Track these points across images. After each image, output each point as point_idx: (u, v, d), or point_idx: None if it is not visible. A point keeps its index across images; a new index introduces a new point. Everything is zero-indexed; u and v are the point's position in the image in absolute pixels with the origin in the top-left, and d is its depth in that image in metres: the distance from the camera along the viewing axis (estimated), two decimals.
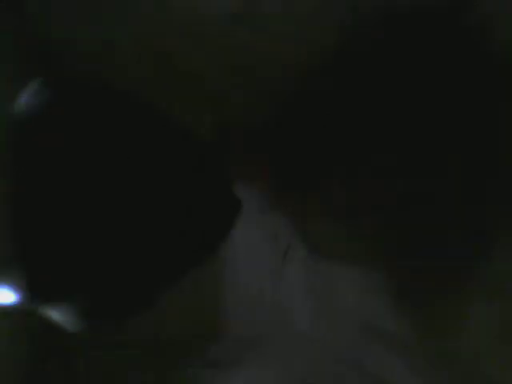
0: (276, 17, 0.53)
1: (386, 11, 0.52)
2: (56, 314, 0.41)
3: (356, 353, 0.56)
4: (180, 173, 0.43)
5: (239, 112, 0.60)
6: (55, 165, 0.37)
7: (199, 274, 0.53)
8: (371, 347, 0.55)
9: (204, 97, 0.59)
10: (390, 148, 0.55)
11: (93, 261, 0.38)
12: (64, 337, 0.64)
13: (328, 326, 0.57)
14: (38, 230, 0.36)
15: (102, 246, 0.38)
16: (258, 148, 0.60)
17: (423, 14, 0.51)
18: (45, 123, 0.38)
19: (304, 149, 0.59)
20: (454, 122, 0.53)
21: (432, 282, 0.53)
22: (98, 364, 0.62)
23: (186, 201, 0.42)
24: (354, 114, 0.57)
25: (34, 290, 0.37)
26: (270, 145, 0.61)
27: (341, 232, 0.57)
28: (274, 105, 0.58)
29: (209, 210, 0.44)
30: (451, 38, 0.51)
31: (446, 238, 0.53)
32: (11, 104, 0.40)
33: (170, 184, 0.41)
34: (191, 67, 0.57)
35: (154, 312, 0.46)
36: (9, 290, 0.37)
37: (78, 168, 0.38)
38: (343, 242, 0.57)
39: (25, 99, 0.40)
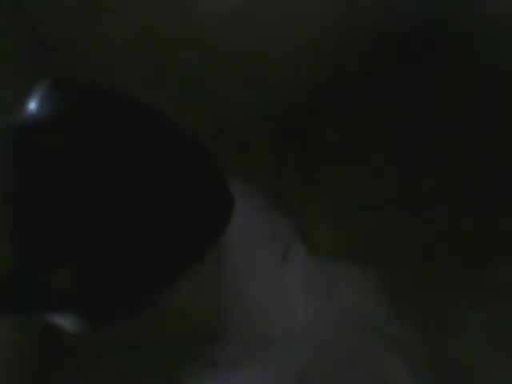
0: (276, 17, 0.53)
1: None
2: (58, 317, 0.41)
3: (356, 353, 0.56)
4: (180, 173, 0.43)
5: (239, 112, 0.60)
6: (55, 165, 0.37)
7: (199, 274, 0.53)
8: (371, 347, 0.55)
9: (204, 97, 0.59)
10: (390, 147, 0.55)
11: (94, 262, 0.38)
12: (64, 337, 0.64)
13: (328, 325, 0.57)
14: (38, 229, 0.36)
15: (104, 246, 0.38)
16: (258, 147, 0.61)
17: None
18: (47, 124, 0.38)
19: (304, 148, 0.60)
20: (453, 125, 0.53)
21: (432, 283, 0.53)
22: (98, 364, 0.62)
23: (185, 201, 0.42)
24: (354, 115, 0.57)
25: (35, 292, 0.37)
26: (271, 144, 0.61)
27: (341, 232, 0.58)
28: (275, 104, 0.59)
29: (206, 209, 0.44)
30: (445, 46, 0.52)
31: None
32: (15, 104, 0.40)
33: (169, 184, 0.42)
34: (191, 67, 0.57)
35: (154, 312, 0.46)
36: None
37: (78, 169, 0.38)
38: (343, 242, 0.57)
39: (33, 100, 0.40)
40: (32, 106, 0.39)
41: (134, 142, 0.40)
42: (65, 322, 0.41)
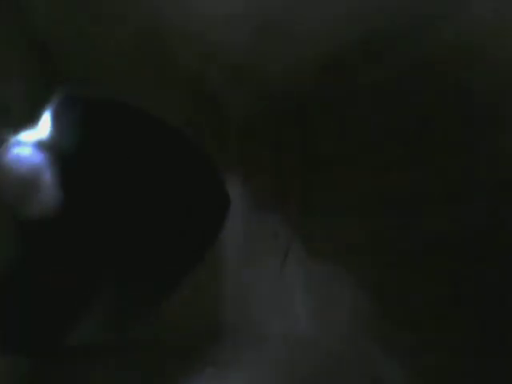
0: (277, 17, 0.53)
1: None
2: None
3: (356, 353, 0.56)
4: (180, 173, 0.43)
5: (239, 112, 0.60)
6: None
7: (199, 274, 0.53)
8: (372, 347, 0.55)
9: (204, 97, 0.59)
10: (391, 148, 0.55)
11: (98, 266, 0.38)
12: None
13: (328, 326, 0.58)
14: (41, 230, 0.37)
15: (109, 248, 0.38)
16: (258, 147, 0.60)
17: None
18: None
19: (304, 148, 0.59)
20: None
21: (433, 282, 0.53)
22: (98, 364, 0.62)
23: (185, 201, 0.43)
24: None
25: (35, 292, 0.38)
26: (271, 144, 0.61)
27: (341, 232, 0.57)
28: (275, 104, 0.58)
29: (204, 208, 0.45)
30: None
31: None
32: (15, 104, 0.40)
33: (170, 185, 0.42)
34: (191, 67, 0.57)
35: (154, 313, 0.46)
36: None
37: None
38: (343, 242, 0.57)
39: (48, 114, 0.40)
40: (47, 120, 0.40)
41: (138, 148, 0.41)
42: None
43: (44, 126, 0.40)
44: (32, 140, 0.38)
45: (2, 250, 0.37)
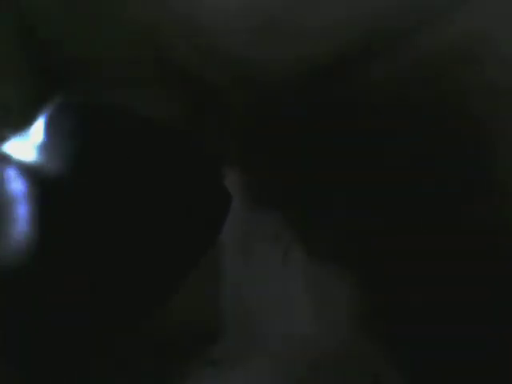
0: (277, 17, 0.53)
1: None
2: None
3: (357, 353, 0.56)
4: (180, 174, 0.43)
5: (239, 111, 0.60)
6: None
7: (199, 274, 0.53)
8: (372, 347, 0.55)
9: (204, 96, 0.59)
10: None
11: (99, 269, 0.38)
12: None
13: (328, 326, 0.58)
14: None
15: (107, 252, 0.38)
16: (259, 147, 0.61)
17: None
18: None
19: (303, 148, 0.60)
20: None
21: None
22: (98, 363, 0.62)
23: (186, 201, 0.43)
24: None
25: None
26: (271, 144, 0.61)
27: (341, 232, 0.58)
28: (275, 105, 0.59)
29: (204, 207, 0.45)
30: None
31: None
32: (15, 104, 0.40)
33: (170, 186, 0.42)
34: (191, 66, 0.57)
35: (155, 312, 0.46)
36: None
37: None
38: (343, 242, 0.58)
39: (42, 124, 0.40)
40: (42, 125, 0.40)
41: (137, 149, 0.41)
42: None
43: (39, 131, 0.40)
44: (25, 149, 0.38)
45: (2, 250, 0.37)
